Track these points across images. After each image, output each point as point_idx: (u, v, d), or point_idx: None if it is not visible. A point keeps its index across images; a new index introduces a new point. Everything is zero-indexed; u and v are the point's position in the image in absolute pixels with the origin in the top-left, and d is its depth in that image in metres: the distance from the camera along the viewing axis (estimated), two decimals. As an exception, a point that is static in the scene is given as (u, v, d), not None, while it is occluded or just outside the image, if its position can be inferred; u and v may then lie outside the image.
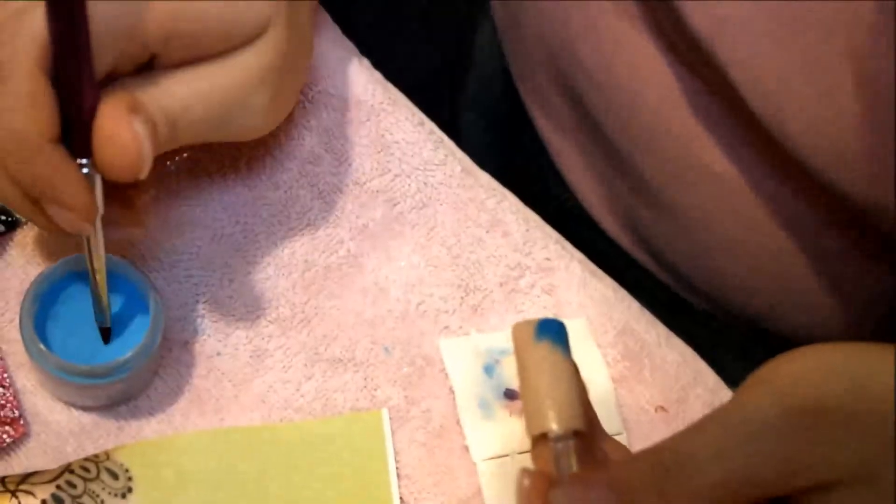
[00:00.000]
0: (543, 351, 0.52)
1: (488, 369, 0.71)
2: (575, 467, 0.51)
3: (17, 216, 0.69)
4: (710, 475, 0.49)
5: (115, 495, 0.64)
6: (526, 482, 0.52)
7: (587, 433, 0.52)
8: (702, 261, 0.81)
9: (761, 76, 0.66)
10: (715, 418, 0.51)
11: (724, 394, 0.75)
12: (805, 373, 0.52)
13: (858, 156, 0.64)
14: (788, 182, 0.71)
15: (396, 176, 0.74)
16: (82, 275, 0.66)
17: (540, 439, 0.52)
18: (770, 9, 0.63)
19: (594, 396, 0.57)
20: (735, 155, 0.72)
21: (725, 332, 0.87)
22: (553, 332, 0.53)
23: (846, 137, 0.64)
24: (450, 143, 0.77)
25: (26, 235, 0.69)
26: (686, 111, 0.73)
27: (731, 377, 0.81)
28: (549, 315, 0.74)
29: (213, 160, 0.72)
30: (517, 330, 0.53)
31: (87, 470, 0.64)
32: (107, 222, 0.62)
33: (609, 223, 0.86)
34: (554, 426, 0.51)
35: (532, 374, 0.52)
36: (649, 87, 0.74)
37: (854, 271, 0.75)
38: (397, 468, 0.68)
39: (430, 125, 0.77)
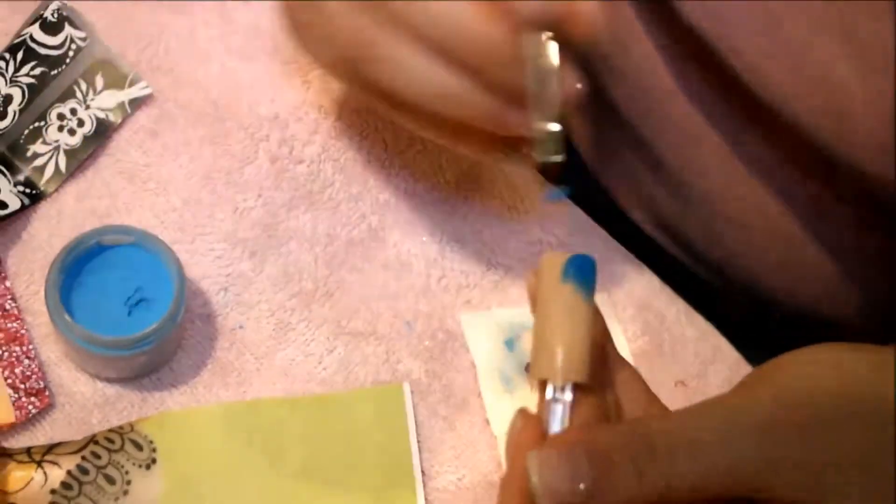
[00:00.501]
0: (566, 293, 0.51)
1: (509, 343, 0.71)
2: (566, 421, 0.51)
3: (42, 189, 0.69)
4: (697, 464, 0.49)
5: (140, 466, 0.65)
6: (518, 424, 0.52)
7: (593, 384, 0.52)
8: (716, 241, 0.81)
9: (753, 59, 0.66)
10: (711, 408, 0.51)
11: (744, 369, 0.75)
12: (804, 372, 0.53)
13: (862, 130, 0.65)
14: (794, 160, 0.72)
15: (418, 152, 0.74)
16: (107, 247, 0.66)
17: (541, 385, 0.52)
18: None
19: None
20: (739, 136, 0.73)
21: (744, 312, 0.87)
22: (580, 275, 0.51)
23: (848, 114, 0.64)
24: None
25: (50, 208, 0.70)
26: (692, 96, 0.73)
27: (748, 356, 0.81)
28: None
29: (237, 135, 0.72)
30: (546, 262, 0.52)
31: (111, 441, 0.65)
32: None
33: (627, 202, 0.86)
34: (553, 375, 0.51)
35: (547, 315, 0.51)
36: (661, 75, 0.74)
37: (862, 248, 0.76)
38: (418, 441, 0.69)
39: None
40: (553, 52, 0.55)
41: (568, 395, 0.51)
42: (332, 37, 0.58)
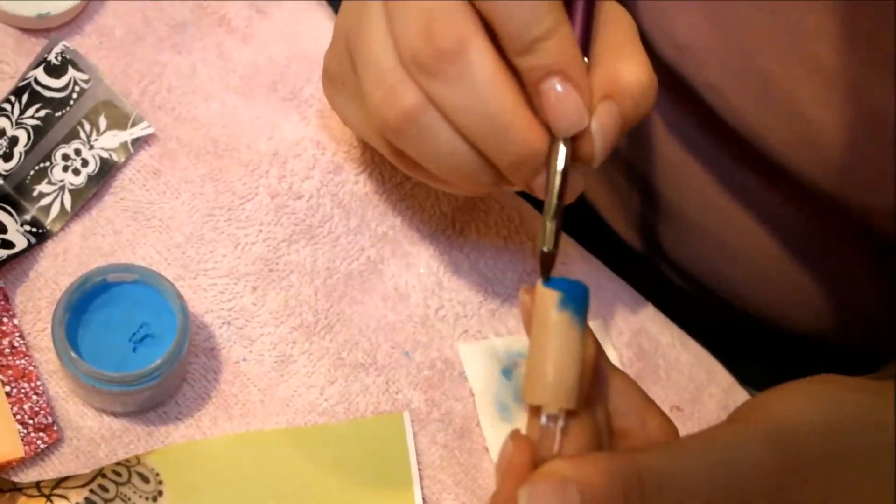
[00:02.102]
0: (560, 320, 0.53)
1: (506, 372, 0.73)
2: (557, 447, 0.52)
3: (48, 228, 0.71)
4: (689, 501, 0.50)
5: (147, 498, 0.67)
6: (510, 446, 0.53)
7: (585, 406, 0.53)
8: (711, 267, 0.82)
9: (728, 96, 0.67)
10: (702, 445, 0.52)
11: (738, 393, 0.77)
12: (795, 408, 0.53)
13: (834, 158, 0.66)
14: (778, 189, 0.73)
15: (414, 185, 0.76)
16: (112, 284, 0.68)
17: (533, 411, 0.53)
18: (723, 32, 0.65)
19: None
20: (722, 167, 0.74)
21: (743, 334, 0.88)
22: (574, 302, 0.53)
23: (822, 144, 0.65)
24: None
25: (56, 247, 0.71)
26: (673, 126, 0.74)
27: (744, 377, 0.82)
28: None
29: (238, 171, 0.74)
30: (541, 293, 0.53)
31: (118, 474, 0.67)
32: None
33: (622, 228, 0.88)
34: (546, 402, 0.52)
35: (541, 341, 0.53)
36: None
37: (853, 275, 0.77)
38: (419, 469, 0.70)
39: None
40: (563, 156, 0.56)
41: (561, 422, 0.52)
42: (371, 104, 0.58)
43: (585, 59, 0.56)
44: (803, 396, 0.54)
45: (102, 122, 0.72)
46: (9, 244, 0.70)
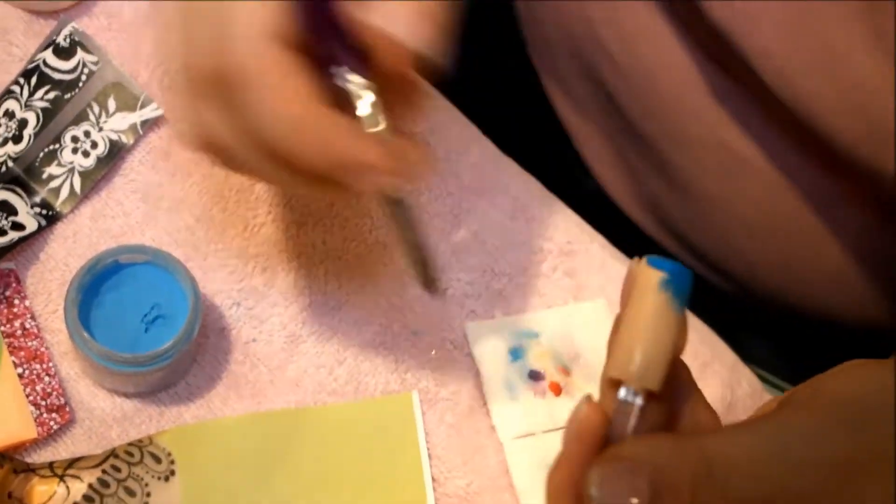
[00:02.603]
0: (659, 301, 0.51)
1: (514, 352, 0.74)
2: (632, 426, 0.51)
3: (58, 210, 0.71)
4: (748, 487, 0.50)
5: (159, 478, 0.67)
6: (583, 411, 0.52)
7: (665, 396, 0.52)
8: (724, 242, 0.82)
9: (783, 64, 0.67)
10: (771, 429, 0.52)
11: (742, 371, 0.77)
12: (861, 391, 0.54)
13: (886, 132, 0.66)
14: (813, 160, 0.72)
15: (422, 165, 0.76)
16: (124, 265, 0.68)
17: (612, 383, 0.52)
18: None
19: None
20: (758, 137, 0.74)
21: (747, 312, 0.89)
22: (678, 286, 0.51)
23: (872, 115, 0.65)
24: (474, 130, 0.79)
25: (66, 229, 0.72)
26: (708, 96, 0.74)
27: (753, 355, 0.82)
28: (570, 296, 0.76)
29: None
30: (645, 271, 0.52)
31: (131, 454, 0.67)
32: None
33: (631, 206, 0.87)
34: (630, 379, 0.51)
35: (637, 319, 0.52)
36: (672, 73, 0.75)
37: (879, 247, 0.76)
38: (428, 448, 0.71)
39: (455, 112, 0.79)
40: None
41: (639, 400, 0.51)
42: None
43: None
44: (868, 380, 0.54)
45: (111, 104, 0.73)
46: (19, 226, 0.70)
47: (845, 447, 0.52)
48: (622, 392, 0.52)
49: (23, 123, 0.72)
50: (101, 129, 0.72)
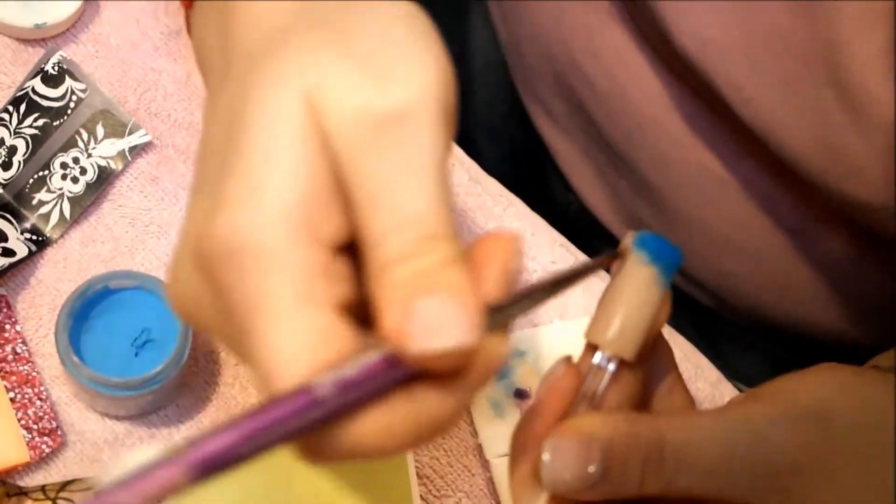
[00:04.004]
0: (645, 275, 0.53)
1: (500, 371, 0.74)
2: (601, 390, 0.53)
3: (48, 236, 0.72)
4: (697, 476, 0.51)
5: (150, 500, 0.68)
6: (560, 369, 0.53)
7: (639, 366, 0.54)
8: (703, 259, 0.83)
9: (750, 94, 0.68)
10: (727, 418, 0.53)
11: (725, 387, 0.78)
12: (822, 393, 0.55)
13: (851, 162, 0.67)
14: (784, 186, 0.74)
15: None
16: (114, 290, 0.69)
17: (590, 348, 0.54)
18: (750, 32, 0.66)
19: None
20: (730, 161, 0.75)
21: (731, 327, 0.90)
22: (663, 263, 0.53)
23: (837, 147, 0.67)
24: (457, 152, 0.80)
25: (56, 254, 0.72)
26: (682, 119, 0.75)
27: (738, 371, 0.83)
28: (555, 315, 0.77)
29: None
30: (633, 244, 0.54)
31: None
32: None
33: (614, 224, 0.88)
34: (605, 344, 0.52)
35: (621, 287, 0.53)
36: (647, 97, 0.76)
37: (853, 269, 0.78)
38: (416, 468, 0.72)
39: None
40: None
41: (612, 367, 0.53)
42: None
43: None
44: (831, 382, 0.55)
45: (100, 131, 0.74)
46: (10, 252, 0.71)
47: (797, 444, 0.53)
48: (596, 357, 0.53)
49: (12, 150, 0.72)
50: (89, 156, 0.73)
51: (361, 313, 0.45)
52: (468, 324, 0.41)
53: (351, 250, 0.45)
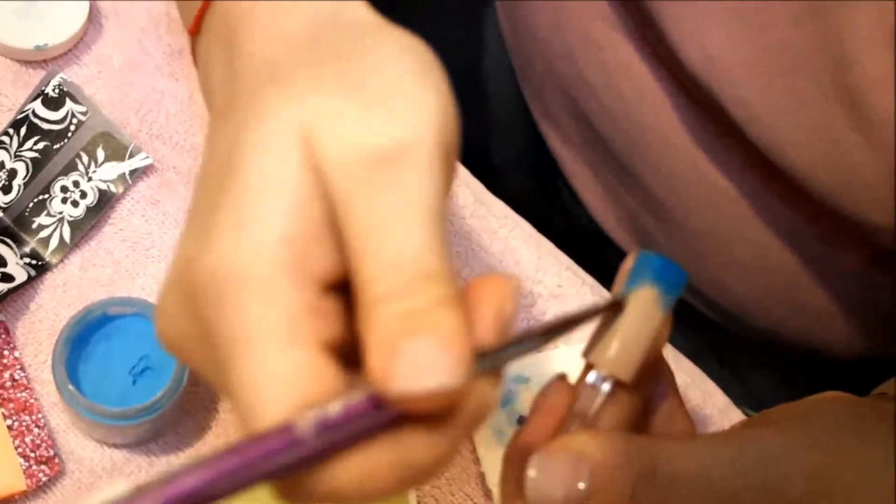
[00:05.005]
0: (646, 295, 0.52)
1: (503, 398, 0.74)
2: (594, 411, 0.52)
3: (48, 260, 0.71)
4: (700, 500, 0.51)
5: (147, 531, 0.67)
6: (554, 386, 0.53)
7: (636, 389, 0.53)
8: (712, 277, 0.83)
9: (757, 112, 0.67)
10: (728, 444, 0.52)
11: (734, 413, 0.77)
12: (828, 421, 0.54)
13: (860, 181, 0.66)
14: (791, 203, 0.73)
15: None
16: (112, 317, 0.68)
17: (587, 367, 0.53)
18: (757, 49, 0.65)
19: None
20: (736, 177, 0.74)
21: (744, 345, 0.89)
22: (665, 285, 0.52)
23: (846, 166, 0.66)
24: (463, 173, 0.79)
25: (56, 279, 0.72)
26: (688, 134, 0.75)
27: (752, 389, 0.82)
28: (560, 340, 0.76)
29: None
30: (636, 261, 0.53)
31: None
32: None
33: (622, 239, 0.88)
34: (602, 364, 0.52)
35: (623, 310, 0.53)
36: (653, 110, 0.76)
37: (864, 287, 0.77)
38: (417, 496, 0.71)
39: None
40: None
41: (606, 387, 0.52)
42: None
43: None
44: (843, 413, 0.55)
45: (100, 154, 0.73)
46: (9, 277, 0.70)
47: (809, 469, 0.52)
48: (591, 376, 0.53)
49: (12, 174, 0.72)
50: (90, 179, 0.73)
51: (353, 353, 0.44)
52: (454, 366, 0.40)
53: (344, 288, 0.44)
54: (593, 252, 0.83)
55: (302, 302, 0.42)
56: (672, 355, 0.77)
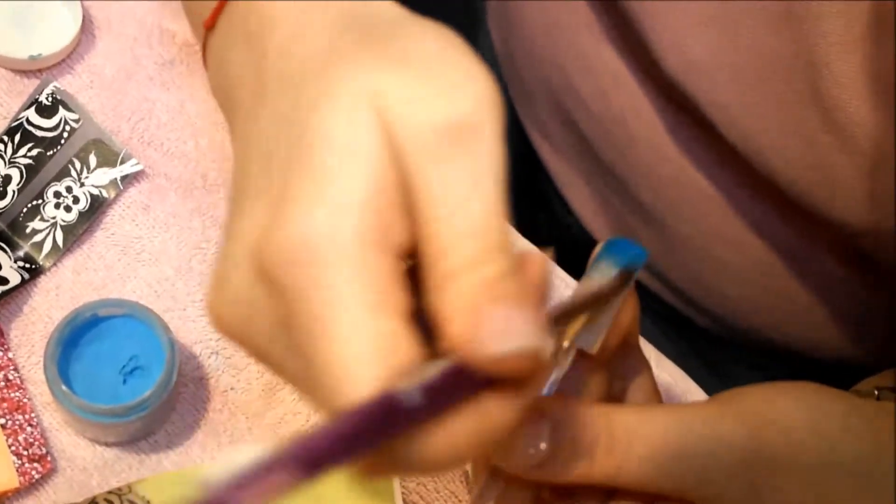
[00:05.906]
0: (605, 274, 0.55)
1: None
2: (554, 379, 0.53)
3: (41, 264, 0.73)
4: (648, 465, 0.51)
5: (137, 526, 0.69)
6: None
7: (604, 364, 0.55)
8: (699, 280, 0.84)
9: (736, 115, 0.69)
10: (678, 414, 0.53)
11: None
12: (777, 404, 0.55)
13: (836, 183, 0.67)
14: (775, 207, 0.74)
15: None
16: (102, 318, 0.70)
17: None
18: (735, 54, 0.67)
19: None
20: (721, 181, 0.75)
21: (732, 348, 0.90)
22: (623, 260, 0.55)
23: (822, 168, 0.67)
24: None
25: (49, 282, 0.74)
26: (674, 140, 0.76)
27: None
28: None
29: (225, 206, 0.76)
30: (604, 248, 0.56)
31: (110, 502, 0.69)
32: None
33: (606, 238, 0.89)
34: (564, 336, 0.53)
35: (584, 287, 0.55)
36: (639, 117, 0.77)
37: (848, 289, 0.78)
38: (403, 495, 0.72)
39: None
40: None
41: (569, 359, 0.53)
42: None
43: None
44: (789, 395, 0.55)
45: (93, 160, 0.75)
46: (3, 280, 0.72)
47: (747, 440, 0.53)
48: (566, 342, 0.54)
49: (7, 180, 0.74)
50: (82, 185, 0.74)
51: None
52: (536, 329, 0.42)
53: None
54: (584, 260, 0.84)
55: (387, 269, 0.43)
56: (654, 356, 0.79)
